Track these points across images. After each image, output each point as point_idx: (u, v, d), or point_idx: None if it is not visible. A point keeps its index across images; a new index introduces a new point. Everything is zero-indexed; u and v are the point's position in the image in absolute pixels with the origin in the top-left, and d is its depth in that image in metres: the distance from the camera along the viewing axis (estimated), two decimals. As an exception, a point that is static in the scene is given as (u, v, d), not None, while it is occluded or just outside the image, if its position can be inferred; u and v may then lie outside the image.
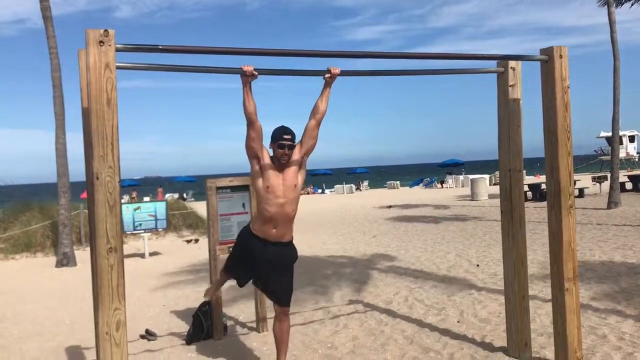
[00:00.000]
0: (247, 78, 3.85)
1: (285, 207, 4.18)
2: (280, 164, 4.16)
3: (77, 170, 13.73)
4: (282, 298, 4.51)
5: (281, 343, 4.56)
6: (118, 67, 3.22)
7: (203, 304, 6.03)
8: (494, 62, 4.66)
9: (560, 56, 4.21)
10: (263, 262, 4.31)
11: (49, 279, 10.63)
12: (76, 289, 9.27)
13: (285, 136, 4.13)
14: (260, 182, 4.16)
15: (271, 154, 4.23)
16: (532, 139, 5.24)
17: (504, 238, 4.79)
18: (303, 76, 4.16)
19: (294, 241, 4.49)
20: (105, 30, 3.12)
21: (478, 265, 8.99)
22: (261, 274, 4.42)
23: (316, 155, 4.42)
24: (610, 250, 9.47)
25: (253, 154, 4.15)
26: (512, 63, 4.59)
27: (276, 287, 4.47)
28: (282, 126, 4.21)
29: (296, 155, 4.22)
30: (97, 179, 3.12)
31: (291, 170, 4.20)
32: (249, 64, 3.80)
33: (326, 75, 4.09)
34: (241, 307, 7.21)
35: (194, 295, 8.06)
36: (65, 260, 11.95)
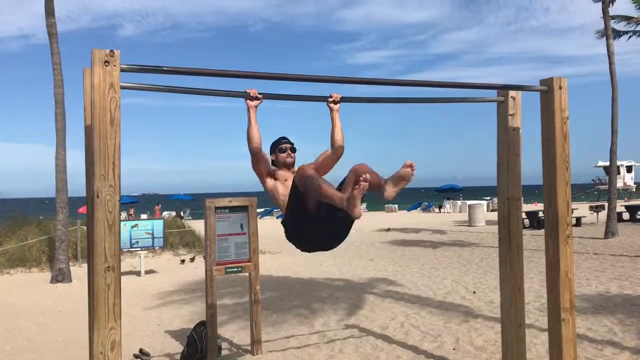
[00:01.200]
0: (252, 102, 3.87)
1: None
2: (289, 169, 4.07)
3: (74, 185, 13.66)
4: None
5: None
6: (122, 87, 3.24)
7: (198, 325, 6.00)
8: (494, 91, 4.71)
9: (560, 87, 4.26)
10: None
11: (44, 294, 10.56)
12: (70, 305, 9.20)
13: (283, 140, 4.15)
14: (277, 184, 3.98)
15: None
16: (529, 167, 5.26)
17: (501, 266, 4.78)
18: (306, 101, 4.20)
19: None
20: (111, 51, 3.15)
21: (474, 292, 8.96)
22: None
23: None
24: (607, 281, 9.45)
25: (266, 172, 4.02)
26: (512, 92, 4.63)
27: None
28: (278, 138, 4.20)
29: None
30: (98, 197, 3.12)
31: None
32: (253, 88, 3.84)
33: (329, 100, 4.13)
34: (236, 328, 7.17)
35: (189, 315, 8.02)
36: (61, 277, 11.88)
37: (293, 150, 4.15)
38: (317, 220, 3.58)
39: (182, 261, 14.88)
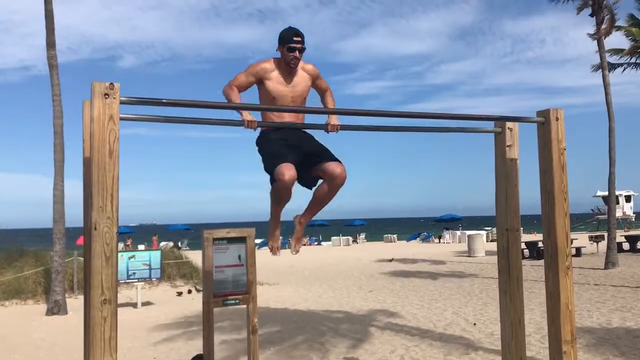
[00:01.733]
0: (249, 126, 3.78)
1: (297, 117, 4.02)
2: (289, 70, 4.01)
3: (72, 216, 13.55)
4: (328, 155, 4.02)
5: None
6: (121, 119, 3.26)
7: (194, 358, 5.90)
8: (491, 122, 4.73)
9: (557, 119, 4.28)
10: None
11: (39, 327, 10.43)
12: (66, 338, 9.08)
13: (296, 38, 3.97)
14: (269, 84, 3.98)
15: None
16: (528, 197, 5.27)
17: (501, 297, 4.74)
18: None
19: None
20: (111, 84, 3.18)
21: (475, 324, 8.86)
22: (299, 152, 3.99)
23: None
24: (608, 312, 9.37)
25: (251, 82, 4.02)
26: (509, 124, 4.66)
27: (318, 150, 4.05)
28: (292, 27, 4.06)
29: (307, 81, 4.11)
30: (95, 229, 3.11)
31: (301, 80, 4.09)
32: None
33: (329, 128, 4.11)
34: (233, 361, 7.06)
35: (186, 348, 7.91)
36: (57, 309, 11.74)
37: (302, 50, 4.00)
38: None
39: (179, 293, 14.74)
